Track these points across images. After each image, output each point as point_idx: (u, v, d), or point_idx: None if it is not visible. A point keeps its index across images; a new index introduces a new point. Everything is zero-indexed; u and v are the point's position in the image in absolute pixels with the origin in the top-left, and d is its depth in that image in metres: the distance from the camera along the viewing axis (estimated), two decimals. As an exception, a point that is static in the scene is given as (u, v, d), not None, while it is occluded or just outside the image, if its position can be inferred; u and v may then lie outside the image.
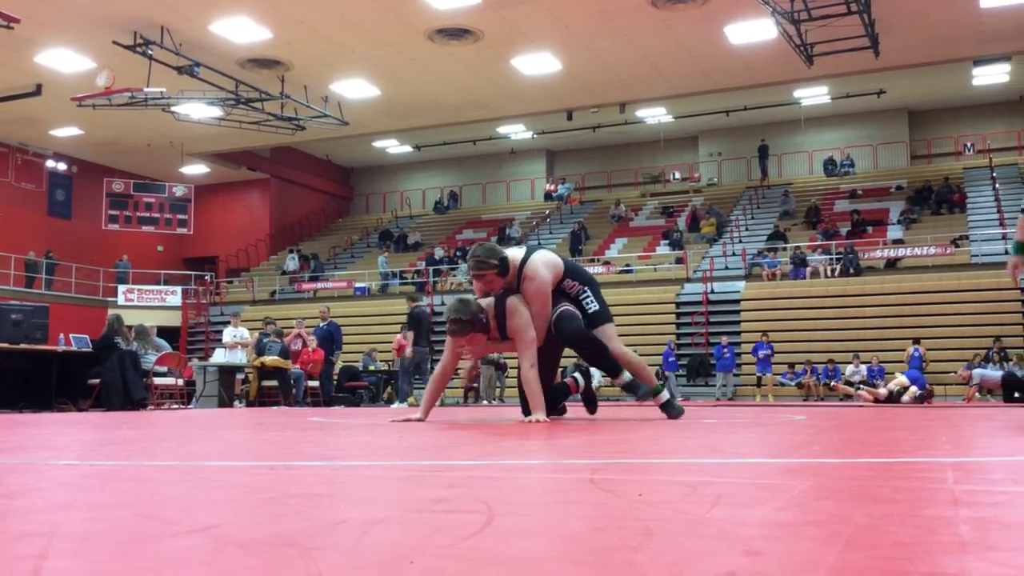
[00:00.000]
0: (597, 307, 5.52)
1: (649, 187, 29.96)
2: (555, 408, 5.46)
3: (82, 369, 10.31)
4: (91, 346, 10.92)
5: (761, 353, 19.09)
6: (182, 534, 1.17)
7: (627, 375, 5.31)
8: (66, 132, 23.75)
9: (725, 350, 19.31)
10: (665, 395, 5.46)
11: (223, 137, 24.29)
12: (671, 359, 19.58)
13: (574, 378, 5.78)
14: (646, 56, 19.59)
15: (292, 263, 28.01)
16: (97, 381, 9.93)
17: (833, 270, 21.34)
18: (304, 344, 14.20)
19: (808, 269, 21.53)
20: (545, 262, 5.34)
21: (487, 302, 5.23)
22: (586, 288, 5.54)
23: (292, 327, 14.84)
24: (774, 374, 19.18)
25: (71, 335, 11.73)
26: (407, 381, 14.45)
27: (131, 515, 1.39)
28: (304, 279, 27.22)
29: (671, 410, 5.41)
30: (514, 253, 5.38)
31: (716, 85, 21.66)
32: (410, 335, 13.85)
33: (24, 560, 0.98)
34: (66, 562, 0.99)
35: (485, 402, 18.36)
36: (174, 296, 26.17)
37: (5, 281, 23.55)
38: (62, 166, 26.54)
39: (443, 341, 5.67)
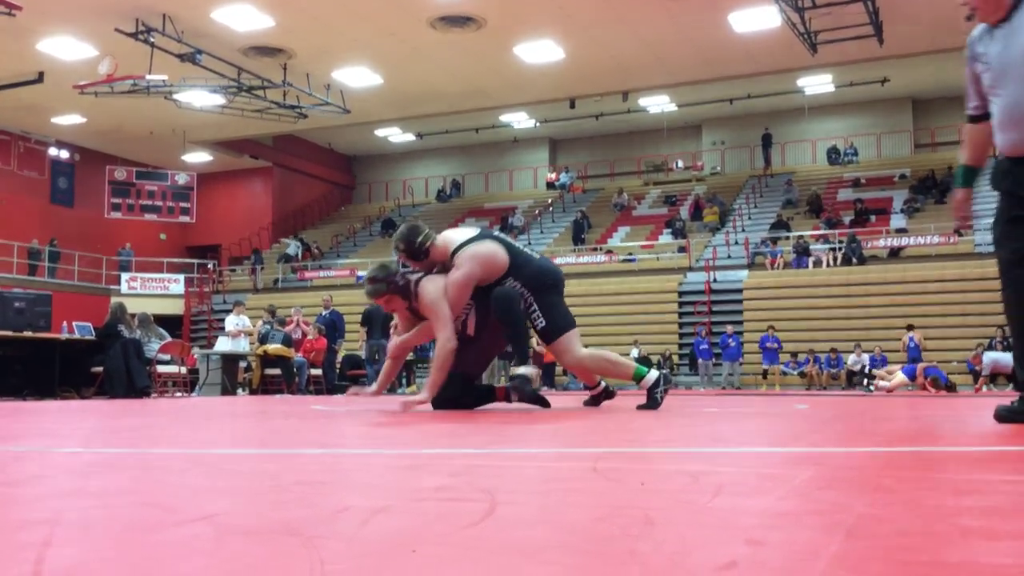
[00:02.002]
0: (544, 322, 5.07)
1: (652, 176, 29.91)
2: (460, 403, 5.00)
3: (85, 357, 10.34)
4: (94, 334, 10.94)
5: (768, 345, 19.08)
6: (185, 522, 1.17)
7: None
8: (68, 120, 23.71)
9: (730, 339, 19.30)
10: (652, 377, 5.13)
11: (225, 125, 24.26)
12: (703, 347, 19.46)
13: (507, 388, 5.27)
14: (649, 44, 19.52)
15: (293, 249, 27.98)
16: (100, 369, 9.95)
17: (836, 259, 21.32)
18: (303, 333, 14.22)
19: (811, 258, 21.50)
20: (477, 254, 5.00)
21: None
22: (532, 300, 5.08)
23: (291, 315, 14.86)
24: (780, 365, 19.19)
25: (74, 323, 11.75)
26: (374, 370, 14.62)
27: (134, 503, 1.40)
28: (307, 267, 27.23)
29: (651, 397, 5.10)
30: (451, 236, 5.16)
31: (719, 73, 21.59)
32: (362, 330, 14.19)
33: (27, 548, 0.99)
34: (69, 550, 0.99)
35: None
36: (177, 284, 26.19)
37: (8, 269, 23.58)
38: (64, 154, 26.52)
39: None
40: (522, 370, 4.95)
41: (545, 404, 5.19)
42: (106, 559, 0.93)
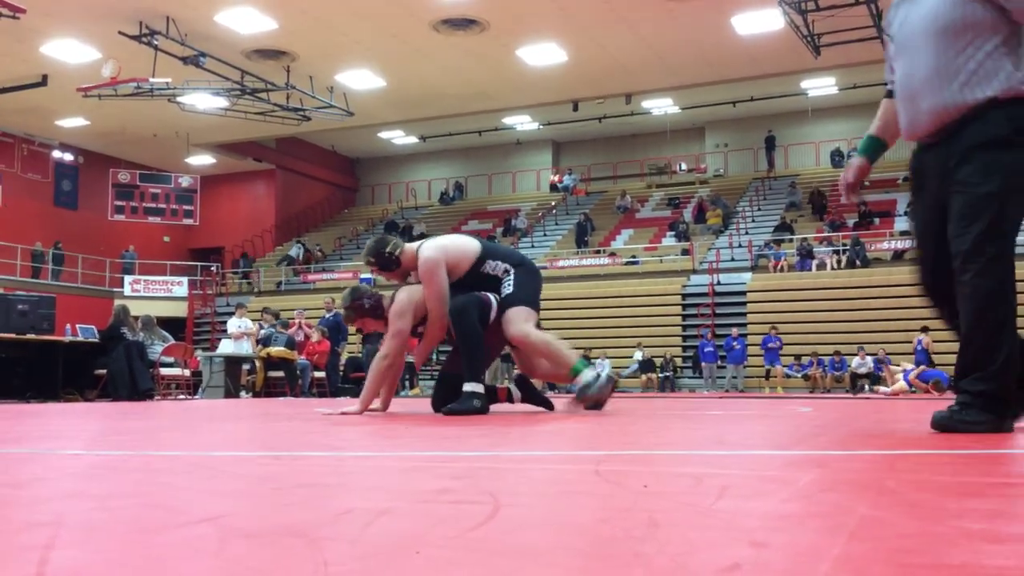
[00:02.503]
0: (511, 290, 4.98)
1: (655, 178, 29.92)
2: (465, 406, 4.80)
3: (89, 359, 10.36)
4: (98, 336, 10.96)
5: (770, 345, 19.07)
6: (189, 524, 1.18)
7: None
8: (72, 122, 23.76)
9: (735, 342, 19.29)
10: (586, 377, 4.97)
11: (229, 128, 24.30)
12: (708, 349, 19.43)
13: (509, 389, 5.31)
14: (652, 47, 19.54)
15: (295, 251, 28.00)
16: (104, 371, 9.97)
17: (840, 262, 21.30)
18: (305, 335, 14.23)
19: (815, 261, 21.49)
20: (439, 245, 5.05)
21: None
22: (511, 269, 5.07)
23: (293, 317, 14.87)
24: (782, 366, 19.17)
25: (77, 325, 11.77)
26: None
27: (138, 505, 1.40)
28: (310, 270, 27.25)
29: (583, 395, 4.95)
30: (411, 245, 5.16)
31: (722, 76, 21.60)
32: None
33: (31, 550, 0.99)
34: (73, 552, 0.99)
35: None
36: (180, 287, 26.23)
37: (11, 271, 23.63)
38: (68, 156, 26.57)
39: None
40: (474, 388, 4.75)
41: (548, 406, 5.14)
42: (110, 561, 0.94)
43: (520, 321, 4.95)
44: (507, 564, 0.91)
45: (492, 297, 4.98)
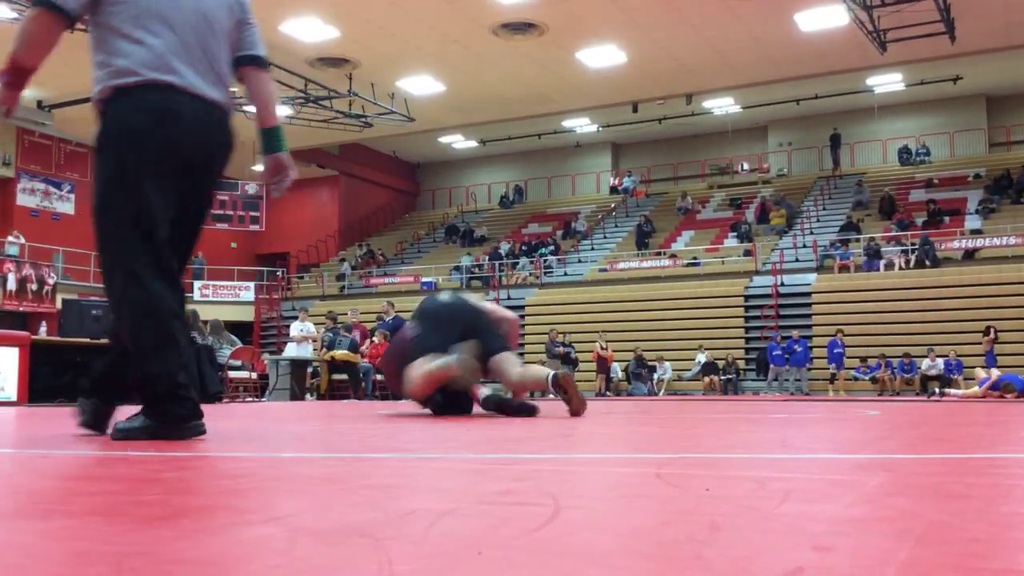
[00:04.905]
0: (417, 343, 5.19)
1: (716, 179, 29.58)
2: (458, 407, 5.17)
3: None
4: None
5: (836, 350, 18.69)
6: (258, 523, 1.21)
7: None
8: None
9: (796, 344, 18.96)
10: (484, 392, 5.08)
11: (293, 135, 24.66)
12: (776, 352, 19.10)
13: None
14: (713, 45, 19.34)
15: (347, 266, 28.32)
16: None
17: (908, 261, 20.80)
18: (362, 336, 14.39)
19: (882, 261, 21.02)
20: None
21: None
22: (414, 324, 5.43)
23: (346, 314, 15.05)
24: (847, 368, 18.79)
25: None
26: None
27: (209, 504, 1.44)
28: (372, 274, 27.57)
29: (489, 403, 5.05)
30: None
31: (785, 74, 21.27)
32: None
33: (141, 545, 1.03)
34: (144, 550, 1.03)
35: (551, 395, 18.37)
36: (247, 291, 26.76)
37: (86, 278, 24.36)
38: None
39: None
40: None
41: (530, 412, 5.07)
42: (177, 560, 0.97)
43: (414, 368, 5.02)
44: (568, 565, 0.91)
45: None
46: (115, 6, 2.78)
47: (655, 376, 19.98)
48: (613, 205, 29.72)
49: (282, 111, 21.81)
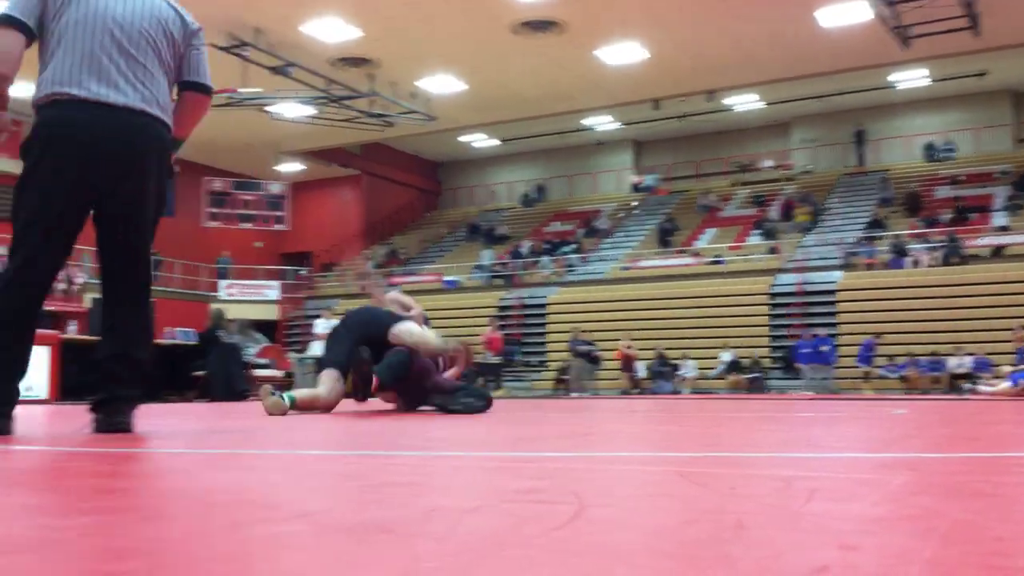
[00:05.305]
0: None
1: (739, 176, 29.40)
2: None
3: (187, 361, 10.73)
4: (196, 339, 11.35)
5: (866, 352, 18.47)
6: (285, 519, 1.22)
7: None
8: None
9: (823, 344, 18.79)
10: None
11: (316, 135, 24.86)
12: (804, 350, 18.84)
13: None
14: (735, 42, 19.23)
15: (369, 264, 28.41)
16: (202, 373, 10.32)
17: (935, 259, 20.59)
18: None
19: (909, 258, 20.82)
20: None
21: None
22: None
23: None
24: (875, 367, 18.60)
25: (177, 329, 12.20)
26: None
27: (236, 501, 1.46)
28: (394, 272, 27.66)
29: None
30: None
31: (808, 70, 21.11)
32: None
33: (136, 540, 1.04)
34: (177, 546, 1.05)
35: (575, 394, 18.37)
36: (272, 290, 26.92)
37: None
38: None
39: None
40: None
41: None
42: (213, 553, 0.99)
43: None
44: (592, 564, 0.92)
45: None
46: (48, 31, 3.11)
47: (678, 374, 19.91)
48: (635, 203, 29.63)
49: (304, 110, 21.95)
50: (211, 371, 10.09)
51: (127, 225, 3.23)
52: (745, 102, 26.46)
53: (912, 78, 24.57)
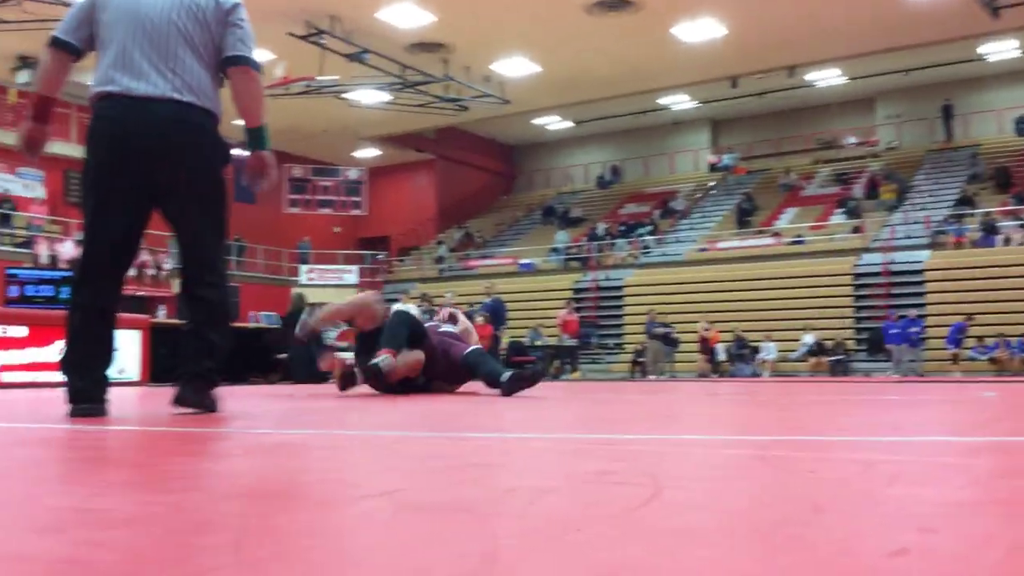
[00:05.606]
0: None
1: (821, 153, 28.65)
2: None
3: (270, 345, 11.01)
4: (278, 323, 11.63)
5: (957, 334, 17.87)
6: (366, 498, 1.26)
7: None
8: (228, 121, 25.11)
9: (913, 325, 18.25)
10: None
11: (391, 120, 25.11)
12: (893, 331, 18.34)
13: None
14: (816, 15, 18.69)
15: (444, 248, 28.61)
16: (284, 356, 10.57)
17: (1028, 236, 19.79)
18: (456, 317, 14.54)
19: (999, 236, 20.06)
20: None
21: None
22: None
23: (442, 303, 15.22)
24: (965, 348, 18.01)
25: (260, 313, 12.51)
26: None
27: (322, 480, 1.51)
28: (470, 256, 27.85)
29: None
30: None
31: (893, 43, 20.40)
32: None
33: (227, 516, 1.09)
34: (261, 521, 1.09)
35: (652, 377, 18.26)
36: (351, 274, 27.36)
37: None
38: (246, 154, 28.14)
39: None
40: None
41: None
42: (292, 531, 1.02)
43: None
44: (667, 544, 0.93)
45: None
46: (97, 39, 3.28)
47: (759, 357, 19.61)
48: (712, 183, 29.18)
49: (380, 96, 22.19)
50: (293, 354, 10.34)
51: (176, 209, 3.35)
52: (827, 77, 25.70)
53: (1003, 50, 23.51)
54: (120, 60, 3.20)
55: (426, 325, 6.22)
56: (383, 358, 5.39)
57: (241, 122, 3.47)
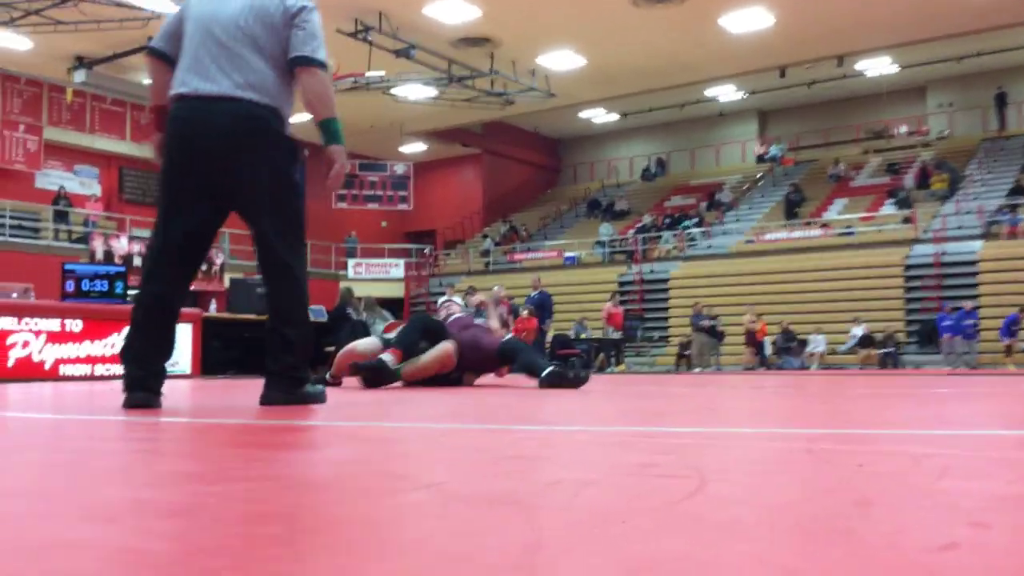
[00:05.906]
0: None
1: (871, 143, 28.15)
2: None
3: (318, 338, 11.13)
4: (326, 316, 11.77)
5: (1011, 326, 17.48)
6: (414, 489, 1.28)
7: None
8: (297, 118, 25.30)
9: (968, 316, 17.87)
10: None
11: (438, 115, 25.21)
12: (946, 323, 18.04)
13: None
14: (867, 3, 18.34)
15: (489, 241, 28.64)
16: (332, 349, 10.68)
17: (1085, 226, 19.25)
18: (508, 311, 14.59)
19: (1057, 226, 19.54)
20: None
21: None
22: None
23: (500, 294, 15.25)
24: (1019, 340, 17.59)
25: (310, 307, 12.66)
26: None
27: (370, 471, 1.53)
28: (516, 249, 27.87)
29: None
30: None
31: (945, 30, 19.94)
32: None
33: (302, 508, 1.11)
34: (314, 511, 1.12)
35: (698, 370, 18.13)
36: (397, 268, 27.58)
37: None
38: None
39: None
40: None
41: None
42: (342, 521, 1.04)
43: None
44: (711, 537, 0.93)
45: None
46: (180, 48, 3.48)
47: (807, 350, 19.36)
48: (760, 174, 28.82)
49: (427, 92, 22.28)
50: (342, 347, 10.43)
51: (244, 208, 3.48)
52: (877, 66, 25.22)
53: (1060, 35, 22.87)
54: (191, 64, 3.38)
55: (460, 315, 6.32)
56: (385, 356, 5.63)
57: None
